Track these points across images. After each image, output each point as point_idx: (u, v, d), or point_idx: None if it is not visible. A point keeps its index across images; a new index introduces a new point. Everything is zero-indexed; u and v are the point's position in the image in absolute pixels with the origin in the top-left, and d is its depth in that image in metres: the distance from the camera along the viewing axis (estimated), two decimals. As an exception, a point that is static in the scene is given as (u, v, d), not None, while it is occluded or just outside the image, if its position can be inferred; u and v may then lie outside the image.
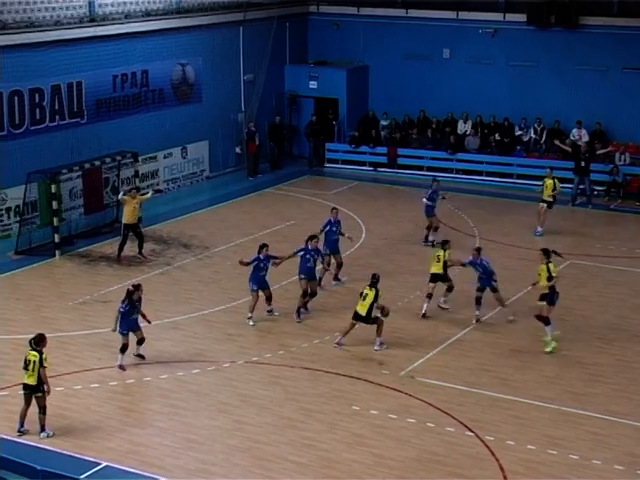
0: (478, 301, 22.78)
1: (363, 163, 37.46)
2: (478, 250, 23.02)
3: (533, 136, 35.90)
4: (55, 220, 27.46)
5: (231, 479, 16.30)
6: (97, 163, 29.35)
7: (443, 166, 36.21)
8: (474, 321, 22.77)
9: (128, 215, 27.01)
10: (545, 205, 29.35)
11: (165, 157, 33.56)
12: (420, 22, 37.32)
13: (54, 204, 27.48)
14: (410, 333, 22.24)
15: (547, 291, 21.50)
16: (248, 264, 22.82)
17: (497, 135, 36.08)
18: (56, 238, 27.45)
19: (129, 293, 20.53)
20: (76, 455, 16.91)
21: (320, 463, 16.78)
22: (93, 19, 30.31)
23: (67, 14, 29.50)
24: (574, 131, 34.96)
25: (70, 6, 29.55)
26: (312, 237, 23.38)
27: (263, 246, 22.92)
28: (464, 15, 36.64)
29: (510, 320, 22.80)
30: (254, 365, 20.60)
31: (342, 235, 25.19)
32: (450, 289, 23.41)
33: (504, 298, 23.03)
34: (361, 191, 34.44)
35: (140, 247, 27.28)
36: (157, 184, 32.25)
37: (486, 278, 22.71)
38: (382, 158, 37.17)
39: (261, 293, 22.89)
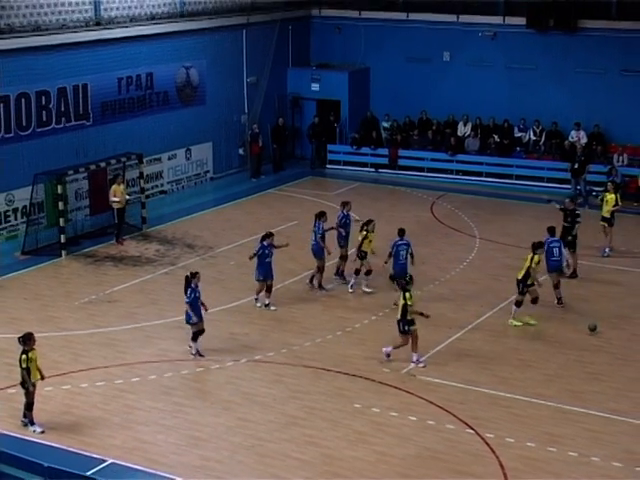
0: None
1: (364, 164, 37.46)
2: None
3: (532, 137, 35.90)
4: (61, 221, 27.51)
5: (235, 476, 16.31)
6: (102, 164, 29.36)
7: (443, 167, 36.26)
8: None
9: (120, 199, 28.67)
10: (605, 223, 27.30)
11: (169, 158, 33.60)
12: (421, 25, 37.33)
13: (60, 205, 27.54)
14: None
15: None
16: (255, 255, 23.39)
17: (496, 137, 36.08)
18: (62, 238, 27.48)
19: (187, 279, 20.75)
20: (82, 452, 16.91)
21: (322, 460, 16.77)
22: (99, 22, 30.35)
23: (73, 18, 29.53)
24: (572, 133, 34.94)
25: (76, 10, 29.59)
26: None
27: (268, 235, 23.57)
28: (464, 18, 36.67)
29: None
30: (257, 363, 20.63)
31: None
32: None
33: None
34: (362, 192, 34.39)
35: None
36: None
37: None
38: (383, 159, 37.18)
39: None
